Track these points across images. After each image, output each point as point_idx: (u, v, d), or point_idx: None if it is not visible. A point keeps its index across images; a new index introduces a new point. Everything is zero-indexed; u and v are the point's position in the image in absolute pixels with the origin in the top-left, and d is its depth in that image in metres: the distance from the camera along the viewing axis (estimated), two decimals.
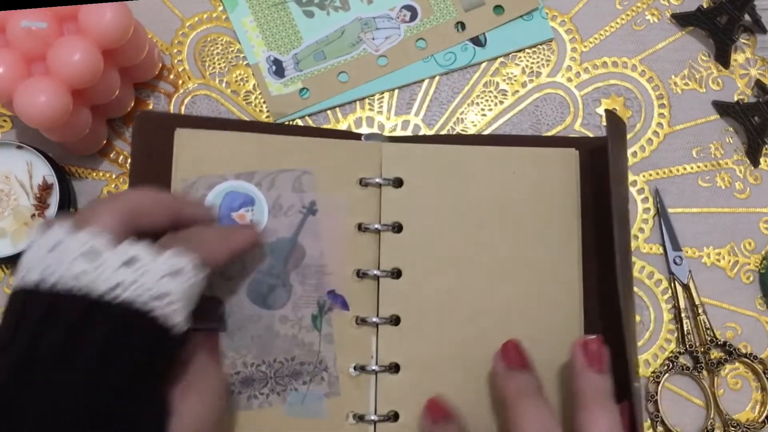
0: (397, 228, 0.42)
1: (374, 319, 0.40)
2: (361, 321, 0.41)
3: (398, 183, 0.42)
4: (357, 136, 0.44)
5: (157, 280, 0.31)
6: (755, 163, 0.47)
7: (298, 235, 0.41)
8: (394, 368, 0.40)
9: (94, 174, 0.47)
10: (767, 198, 0.47)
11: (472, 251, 0.42)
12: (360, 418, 0.40)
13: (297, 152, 0.42)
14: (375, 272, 0.41)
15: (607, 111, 0.42)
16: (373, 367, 0.40)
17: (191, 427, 0.32)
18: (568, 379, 0.38)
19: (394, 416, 0.40)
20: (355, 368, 0.40)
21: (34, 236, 0.32)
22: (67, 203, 0.44)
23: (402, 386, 0.40)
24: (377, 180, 0.42)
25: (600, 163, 0.41)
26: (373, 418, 0.40)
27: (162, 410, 0.31)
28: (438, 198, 0.42)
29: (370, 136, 0.44)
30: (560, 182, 0.42)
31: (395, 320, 0.41)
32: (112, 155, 0.47)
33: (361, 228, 0.42)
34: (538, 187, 0.42)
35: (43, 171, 0.44)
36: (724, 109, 0.48)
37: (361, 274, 0.41)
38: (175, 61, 0.48)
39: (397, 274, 0.41)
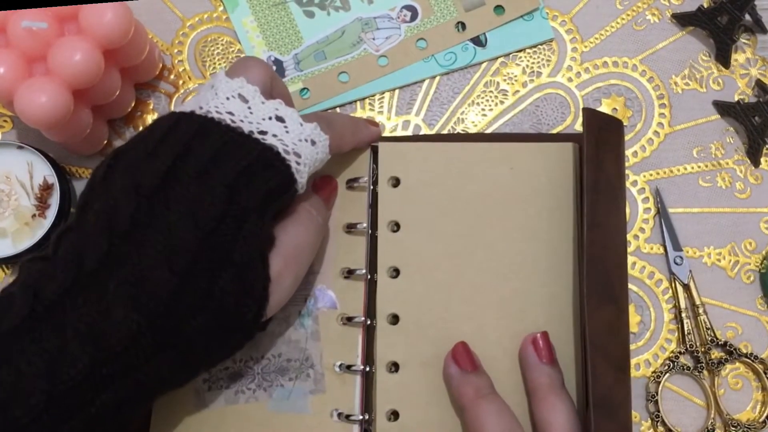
0: (395, 227, 0.42)
1: (361, 318, 0.41)
2: (347, 320, 0.41)
3: (395, 182, 0.42)
4: None
5: (297, 141, 0.34)
6: (756, 163, 0.47)
7: None
8: (394, 367, 0.40)
9: None
10: (767, 198, 0.47)
11: (470, 248, 0.42)
12: (346, 417, 0.40)
13: None
14: (362, 272, 0.41)
15: (585, 110, 0.41)
16: (359, 366, 0.40)
17: (288, 254, 0.35)
18: (523, 376, 0.39)
19: (395, 415, 0.40)
20: (340, 367, 0.40)
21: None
22: (68, 203, 0.44)
23: (401, 385, 0.40)
24: (364, 179, 0.42)
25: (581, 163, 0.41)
26: (358, 417, 0.40)
27: (267, 240, 0.34)
28: (435, 196, 0.42)
29: None
30: (558, 177, 0.42)
31: (394, 319, 0.41)
32: None
33: (348, 228, 0.42)
34: (535, 183, 0.42)
35: (43, 171, 0.44)
36: (724, 109, 0.48)
37: (348, 273, 0.41)
38: (176, 61, 0.48)
39: (395, 272, 0.41)
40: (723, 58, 0.48)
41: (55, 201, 0.44)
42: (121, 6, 0.40)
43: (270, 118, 0.34)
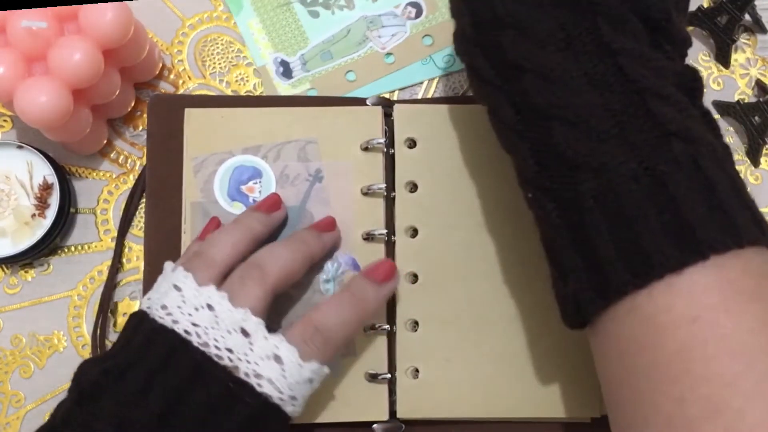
0: (413, 187, 0.42)
1: None
2: None
3: (411, 143, 0.43)
4: (362, 102, 0.45)
5: (295, 383, 0.34)
6: (756, 163, 0.47)
7: (306, 203, 0.43)
8: (414, 325, 0.41)
9: (95, 174, 0.47)
10: (767, 198, 0.47)
11: (487, 206, 0.42)
12: (373, 376, 0.40)
13: (301, 123, 0.43)
14: (382, 232, 0.42)
15: None
16: (385, 326, 0.41)
17: None
18: None
19: (415, 372, 0.41)
20: (364, 329, 0.41)
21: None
22: (68, 203, 0.44)
23: (421, 343, 0.41)
24: (379, 141, 0.42)
25: None
26: (386, 376, 0.40)
27: None
28: (452, 156, 0.43)
29: (376, 101, 0.45)
30: None
31: (413, 278, 0.41)
32: (112, 155, 0.47)
33: (366, 191, 0.42)
34: None
35: (43, 171, 0.44)
36: (724, 109, 0.48)
37: (368, 236, 0.42)
38: (176, 60, 0.48)
39: (414, 232, 0.42)
40: (723, 58, 0.48)
41: (54, 201, 0.44)
42: (121, 6, 0.40)
43: (270, 358, 0.34)
